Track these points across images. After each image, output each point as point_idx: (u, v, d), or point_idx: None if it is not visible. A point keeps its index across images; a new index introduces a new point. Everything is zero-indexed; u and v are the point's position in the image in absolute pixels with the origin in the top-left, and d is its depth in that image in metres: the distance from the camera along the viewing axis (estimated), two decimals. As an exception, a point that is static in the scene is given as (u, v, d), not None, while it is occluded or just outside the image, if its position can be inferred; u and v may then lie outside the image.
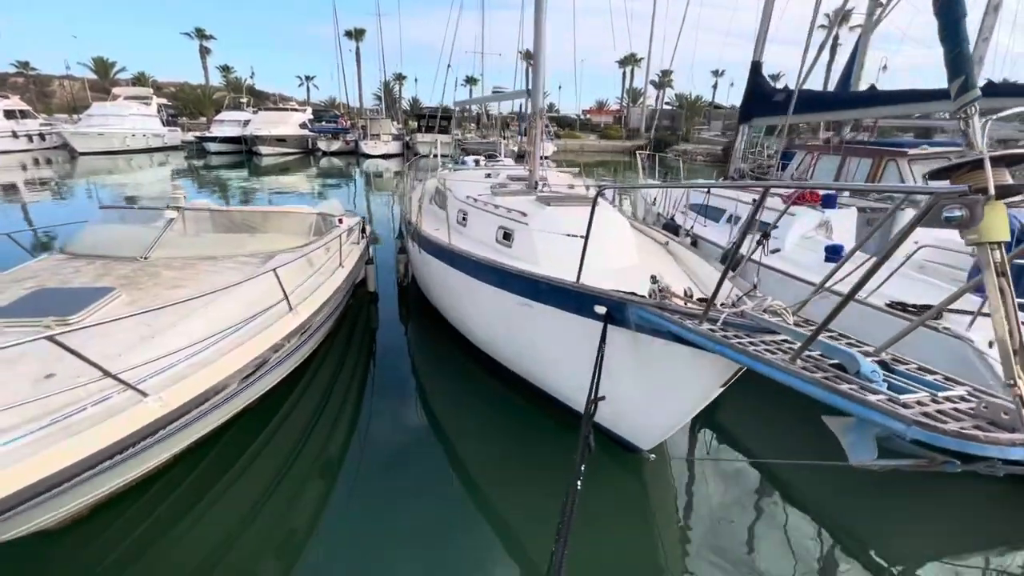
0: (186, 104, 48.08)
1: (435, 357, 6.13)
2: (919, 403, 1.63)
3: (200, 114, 45.99)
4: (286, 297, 3.84)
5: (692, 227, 6.75)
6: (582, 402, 3.96)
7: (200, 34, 52.59)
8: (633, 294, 3.25)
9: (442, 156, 10.47)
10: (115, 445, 2.44)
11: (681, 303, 3.06)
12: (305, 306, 4.20)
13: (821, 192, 6.11)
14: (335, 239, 5.43)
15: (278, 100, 48.96)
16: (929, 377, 1.87)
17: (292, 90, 66.52)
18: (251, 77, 53.16)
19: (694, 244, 6.59)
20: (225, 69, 56.98)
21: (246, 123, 33.69)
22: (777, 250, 5.66)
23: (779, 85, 9.14)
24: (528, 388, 4.67)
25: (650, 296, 3.14)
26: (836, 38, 10.32)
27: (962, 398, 1.70)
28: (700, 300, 3.25)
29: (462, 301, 5.18)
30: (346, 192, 22.46)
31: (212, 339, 3.24)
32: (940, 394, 1.70)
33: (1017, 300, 1.61)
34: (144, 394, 2.66)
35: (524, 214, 5.06)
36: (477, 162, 9.96)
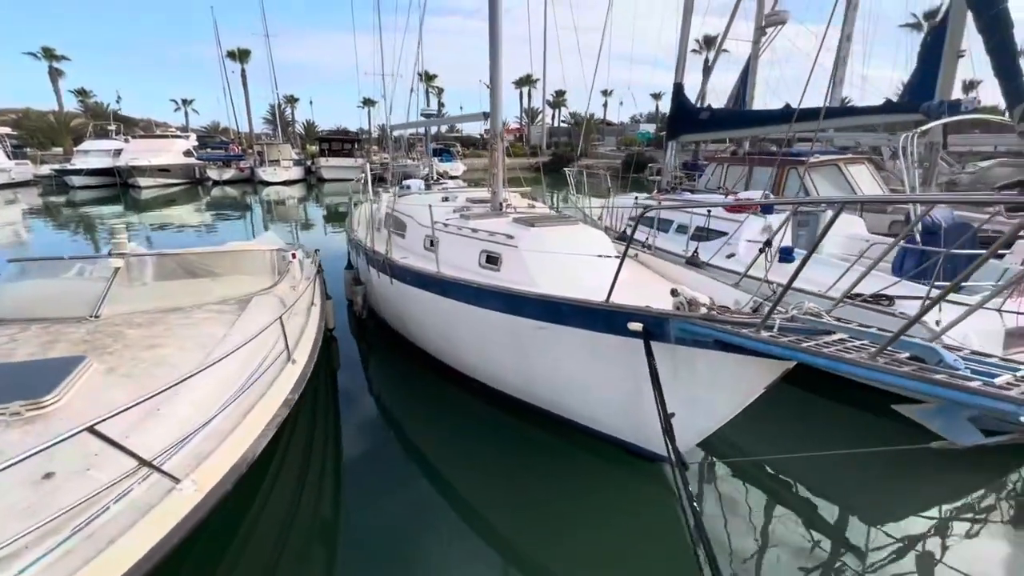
0: (33, 133, 41.67)
1: (411, 394, 5.85)
2: (1009, 384, 1.88)
3: (54, 144, 40.10)
4: (287, 346, 3.47)
5: (647, 239, 7.16)
6: (611, 423, 4.03)
7: (48, 54, 46.05)
8: (660, 310, 3.36)
9: (377, 180, 10.10)
10: (160, 546, 2.03)
11: (706, 312, 3.23)
12: (300, 353, 3.82)
13: (756, 200, 6.79)
14: (307, 278, 5.01)
15: (152, 126, 44.22)
16: (990, 359, 2.16)
17: (167, 115, 60.61)
18: (117, 102, 47.47)
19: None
20: (82, 93, 50.38)
21: (118, 152, 29.97)
22: (732, 255, 6.18)
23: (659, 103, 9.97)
24: (534, 413, 4.62)
25: (677, 308, 3.28)
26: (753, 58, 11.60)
27: None
28: (722, 308, 3.44)
29: (455, 331, 5.01)
30: (245, 224, 20.78)
31: (222, 404, 2.83)
32: (1017, 374, 1.98)
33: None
34: (175, 479, 2.25)
35: (511, 236, 5.04)
36: (429, 186, 9.73)
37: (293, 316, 4.45)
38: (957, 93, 7.67)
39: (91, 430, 1.80)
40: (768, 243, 4.36)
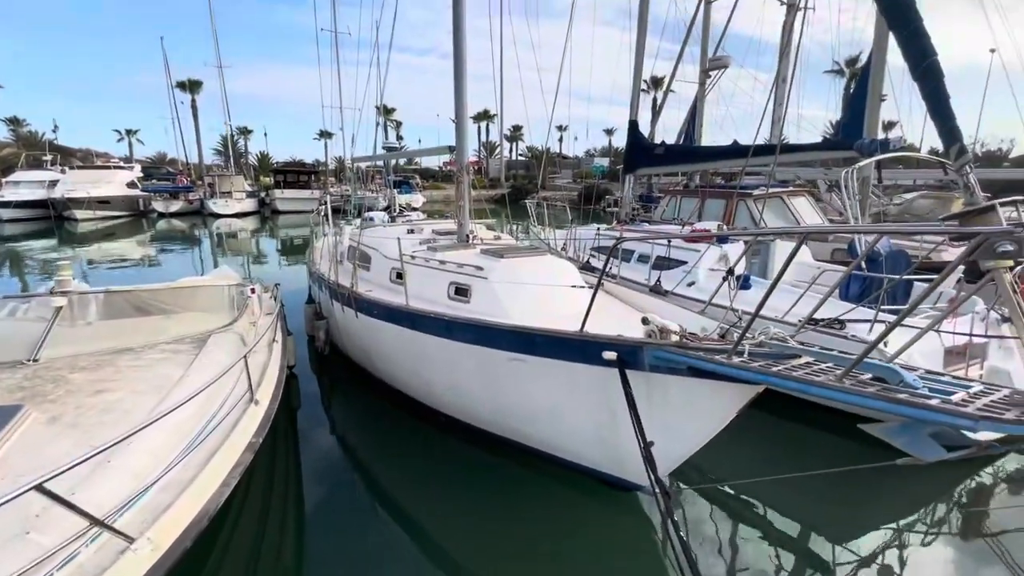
0: (-46, 162, 38.84)
1: (376, 431, 5.64)
2: (964, 401, 2.01)
3: (-22, 174, 37.43)
4: (251, 386, 3.29)
5: (609, 268, 7.33)
6: (587, 453, 4.00)
7: (-24, 81, 43.46)
8: (631, 338, 3.42)
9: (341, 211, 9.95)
10: None
11: (677, 339, 3.32)
12: (263, 392, 3.62)
13: (712, 230, 7.12)
14: (268, 313, 4.81)
15: (92, 156, 42.13)
16: (943, 378, 2.31)
17: (109, 145, 57.89)
18: (54, 131, 45.07)
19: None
20: (14, 122, 47.64)
21: (53, 184, 28.30)
22: (693, 283, 6.41)
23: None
24: (507, 447, 4.54)
25: (649, 336, 3.35)
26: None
27: (983, 392, 2.13)
28: (691, 335, 3.54)
29: (424, 365, 4.90)
30: (194, 258, 19.92)
31: (181, 451, 2.64)
32: (970, 391, 2.12)
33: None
34: (129, 539, 2.05)
35: (480, 268, 5.04)
36: (393, 218, 9.64)
37: (254, 354, 4.24)
38: (879, 131, 8.49)
39: (39, 488, 1.63)
40: (731, 272, 4.56)
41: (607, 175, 44.95)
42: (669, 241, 6.84)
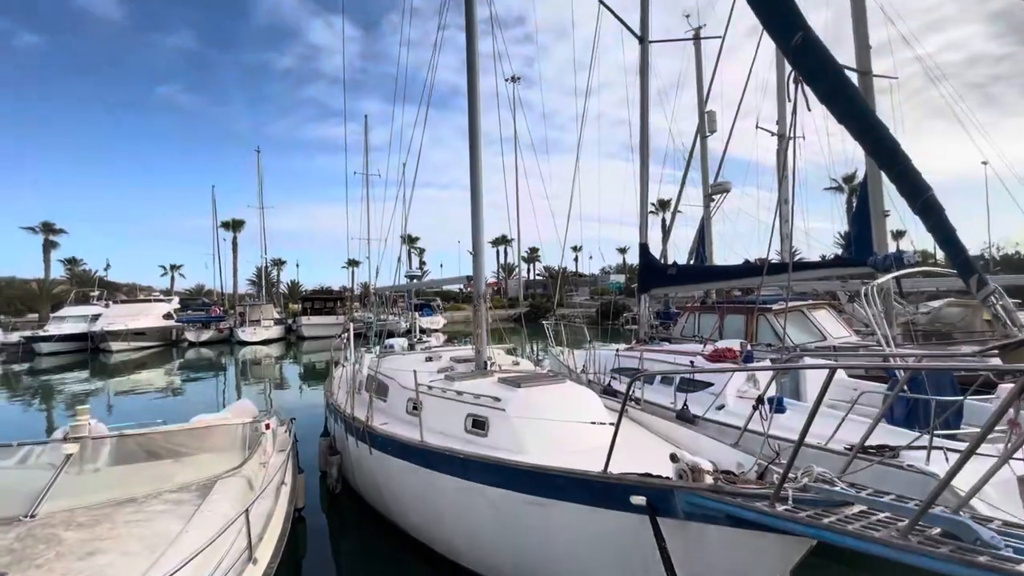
0: (11, 301, 41.77)
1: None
2: None
3: (30, 310, 39.98)
4: (250, 543, 3.05)
5: (632, 391, 7.07)
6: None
7: (47, 228, 48.37)
8: (659, 477, 3.16)
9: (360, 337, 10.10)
10: None
11: (712, 480, 3.03)
12: (263, 549, 3.34)
13: (736, 348, 6.94)
14: (280, 450, 4.65)
15: (135, 291, 44.98)
16: (1021, 531, 2.00)
17: (153, 279, 62.18)
18: (106, 269, 48.80)
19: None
20: (71, 262, 51.92)
21: (95, 318, 29.90)
22: (722, 406, 6.09)
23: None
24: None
25: (680, 477, 3.07)
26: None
27: None
28: (725, 473, 3.25)
29: (438, 507, 4.56)
30: (217, 386, 20.10)
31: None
32: None
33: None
34: None
35: (497, 399, 4.89)
36: (412, 346, 9.74)
37: (261, 499, 4.01)
38: (889, 240, 8.61)
39: None
40: (761, 401, 4.33)
41: (623, 291, 45.78)
42: (692, 363, 6.66)
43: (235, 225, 48.16)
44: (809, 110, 2.83)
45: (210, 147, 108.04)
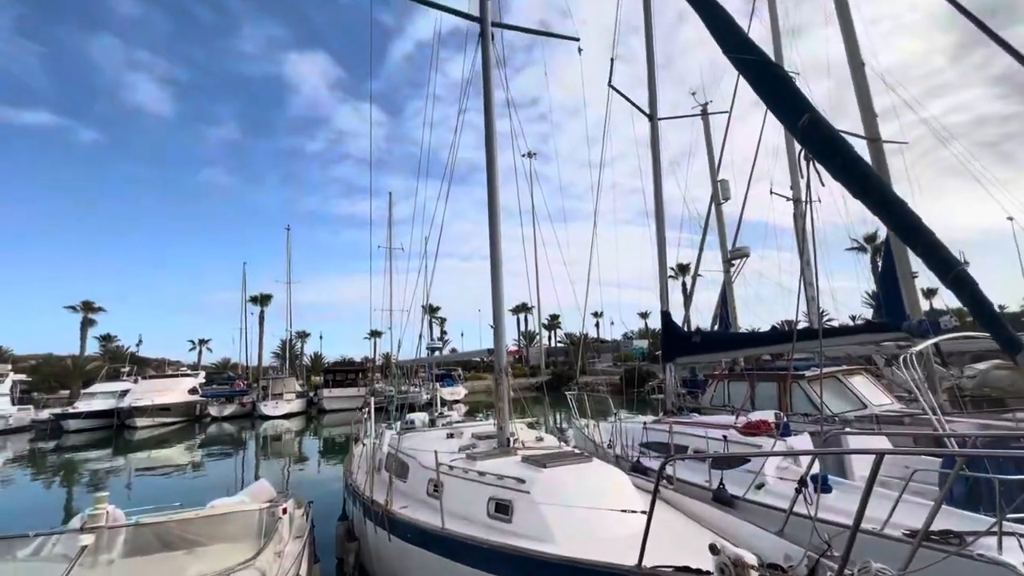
0: (46, 378, 42.92)
1: None
2: None
3: (63, 387, 40.91)
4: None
5: (664, 467, 6.71)
6: None
7: (87, 307, 50.58)
8: (698, 572, 2.91)
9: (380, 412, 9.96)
10: None
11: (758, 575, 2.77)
12: (275, 654, 3.12)
13: (771, 420, 6.60)
14: (297, 536, 4.47)
15: (164, 366, 45.91)
16: None
17: (182, 353, 63.54)
18: (137, 345, 50.27)
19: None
20: (106, 339, 53.67)
21: (123, 394, 30.38)
22: (762, 485, 5.70)
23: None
24: None
25: (721, 572, 2.82)
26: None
27: None
28: (771, 568, 2.98)
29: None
30: (236, 464, 19.84)
31: None
32: None
33: None
34: None
35: (521, 481, 4.68)
36: (433, 422, 9.55)
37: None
38: (920, 299, 8.33)
39: None
40: (804, 481, 4.04)
41: (647, 356, 44.81)
42: (725, 437, 6.34)
43: (263, 300, 49.62)
44: (823, 185, 2.87)
45: (243, 225, 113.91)
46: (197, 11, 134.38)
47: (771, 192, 14.30)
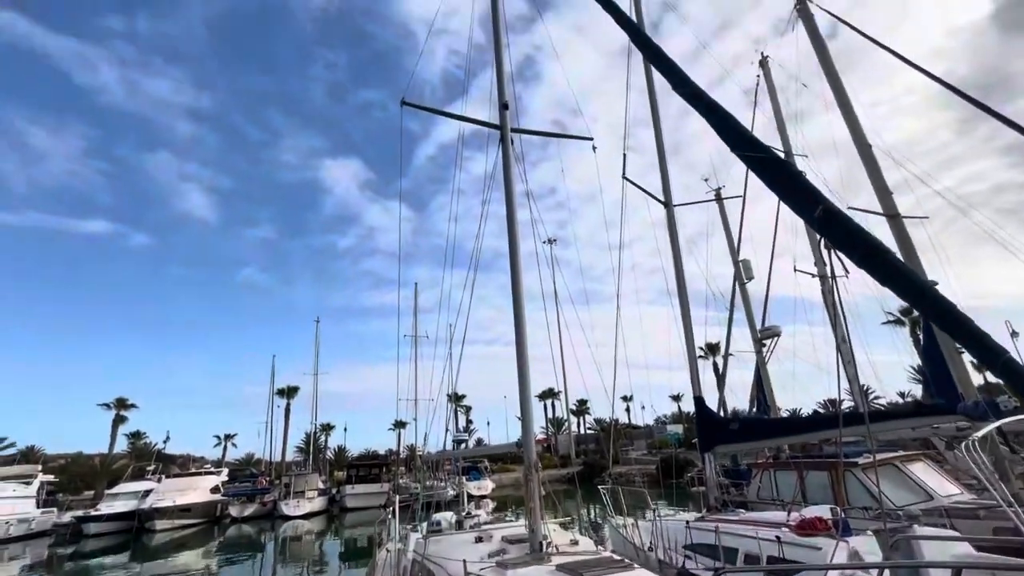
0: (73, 477, 42.76)
1: None
2: None
3: (88, 487, 40.56)
4: None
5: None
6: None
7: (120, 404, 51.45)
8: None
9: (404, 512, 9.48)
10: None
11: None
12: None
13: (828, 517, 6.04)
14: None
15: (189, 463, 45.48)
16: None
17: (207, 449, 63.10)
18: (164, 442, 50.23)
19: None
20: (135, 436, 53.92)
21: (146, 494, 29.89)
22: (825, 594, 5.10)
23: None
24: None
25: None
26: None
27: None
28: None
29: None
30: (252, 567, 18.84)
31: None
32: None
33: None
34: None
35: (559, 594, 4.30)
36: (460, 523, 9.04)
37: None
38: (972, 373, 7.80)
39: None
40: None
41: (683, 443, 42.42)
42: (778, 538, 5.79)
43: (289, 392, 49.82)
44: (847, 273, 2.86)
45: (275, 320, 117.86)
46: (246, 129, 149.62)
47: (795, 270, 14.20)
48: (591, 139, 9.33)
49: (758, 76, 14.68)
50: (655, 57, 4.26)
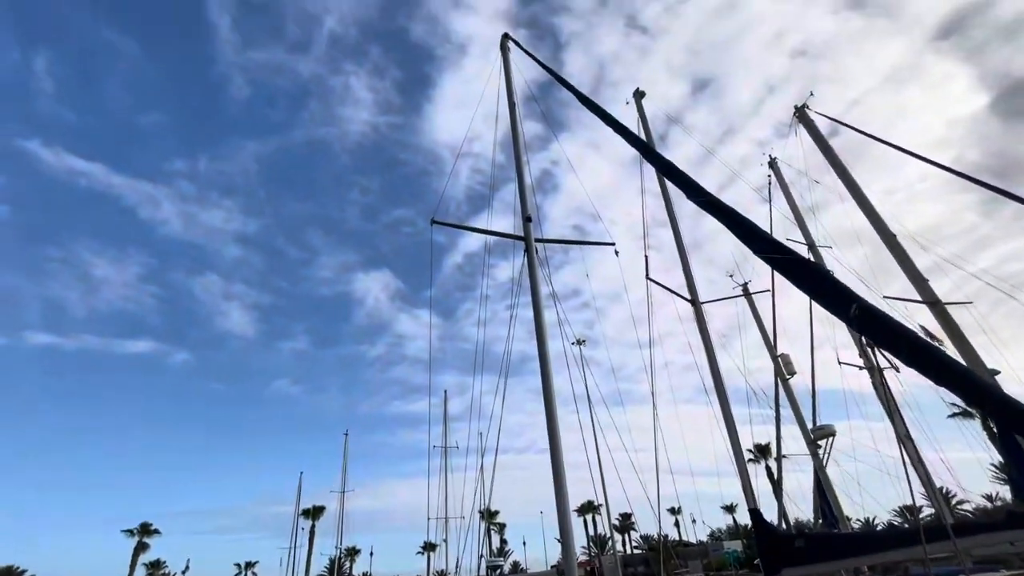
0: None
1: None
2: None
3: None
4: None
5: None
6: None
7: (144, 530, 49.75)
8: None
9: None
10: None
11: None
12: None
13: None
14: None
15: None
16: None
17: (228, 579, 58.98)
18: (184, 572, 47.50)
19: None
20: (155, 566, 51.32)
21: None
22: None
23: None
24: None
25: None
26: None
27: None
28: None
29: None
30: None
31: None
32: None
33: None
34: None
35: None
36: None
37: None
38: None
39: None
40: None
41: (744, 563, 37.69)
42: None
43: (315, 513, 47.52)
44: (898, 371, 2.73)
45: (304, 431, 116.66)
46: (287, 249, 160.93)
47: (839, 362, 13.43)
48: (613, 244, 9.67)
49: (769, 176, 15.30)
50: (668, 171, 4.55)
